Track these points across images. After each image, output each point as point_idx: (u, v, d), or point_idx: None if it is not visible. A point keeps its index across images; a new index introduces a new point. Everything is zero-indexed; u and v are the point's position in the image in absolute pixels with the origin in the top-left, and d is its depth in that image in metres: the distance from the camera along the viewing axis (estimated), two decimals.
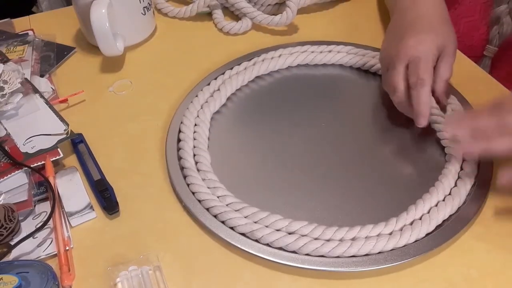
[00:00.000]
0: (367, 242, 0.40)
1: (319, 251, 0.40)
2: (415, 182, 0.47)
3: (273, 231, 0.41)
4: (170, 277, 0.40)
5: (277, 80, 0.59)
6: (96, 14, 0.57)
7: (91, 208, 0.45)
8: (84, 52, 0.65)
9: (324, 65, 0.61)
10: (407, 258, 0.40)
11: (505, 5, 0.59)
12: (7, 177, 0.46)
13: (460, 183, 0.45)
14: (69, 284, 0.39)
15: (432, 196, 0.44)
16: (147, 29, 0.67)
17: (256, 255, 0.41)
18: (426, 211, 0.43)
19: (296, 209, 0.45)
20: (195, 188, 0.46)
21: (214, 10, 0.70)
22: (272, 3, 0.69)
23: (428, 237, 0.41)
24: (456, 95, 0.53)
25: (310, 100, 0.56)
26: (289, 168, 0.48)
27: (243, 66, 0.59)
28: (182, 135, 0.51)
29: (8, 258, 0.41)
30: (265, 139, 0.52)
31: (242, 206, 0.44)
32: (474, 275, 0.40)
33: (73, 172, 0.48)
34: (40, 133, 0.50)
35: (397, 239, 0.41)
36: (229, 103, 0.56)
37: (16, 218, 0.43)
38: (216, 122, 0.54)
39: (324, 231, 0.41)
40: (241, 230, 0.42)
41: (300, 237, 0.41)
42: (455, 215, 0.43)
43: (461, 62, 0.61)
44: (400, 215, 0.43)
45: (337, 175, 0.48)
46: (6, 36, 0.66)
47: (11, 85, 0.53)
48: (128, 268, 0.40)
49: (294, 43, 0.62)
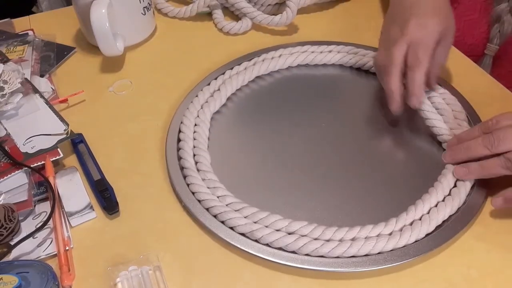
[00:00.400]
0: (366, 242, 0.40)
1: (319, 251, 0.40)
2: (415, 182, 0.47)
3: (272, 231, 0.42)
4: (170, 277, 0.40)
5: (277, 80, 0.59)
6: (96, 14, 0.57)
7: (91, 208, 0.45)
8: (84, 52, 0.65)
9: (324, 65, 0.61)
10: (406, 258, 0.40)
11: (505, 3, 0.59)
12: (7, 177, 0.46)
13: (460, 183, 0.45)
14: (69, 284, 0.39)
15: (432, 197, 0.44)
16: (147, 29, 0.67)
17: (255, 255, 0.41)
18: (425, 212, 0.43)
19: (296, 209, 0.45)
20: (195, 188, 0.46)
21: (214, 10, 0.70)
22: (272, 3, 0.69)
23: (428, 237, 0.41)
24: (456, 95, 0.53)
25: (310, 100, 0.56)
26: (289, 168, 0.49)
27: (243, 66, 0.59)
28: (182, 135, 0.51)
29: (8, 258, 0.41)
30: (265, 139, 0.52)
31: (242, 206, 0.44)
32: (474, 275, 0.40)
33: (73, 172, 0.48)
34: (40, 133, 0.50)
35: (396, 239, 0.41)
36: (229, 103, 0.56)
37: (16, 218, 0.43)
38: (216, 122, 0.54)
39: (324, 232, 0.41)
40: (240, 230, 0.42)
41: (299, 237, 0.41)
42: (454, 215, 0.43)
43: (461, 62, 0.61)
44: (399, 216, 0.43)
45: (337, 175, 0.48)
46: (6, 36, 0.66)
47: (11, 85, 0.53)
48: (128, 268, 0.40)
49: (294, 43, 0.62)
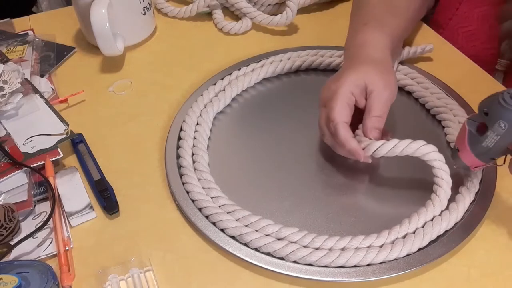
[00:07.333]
0: (356, 253, 0.39)
1: (307, 259, 0.40)
2: (414, 193, 0.46)
3: (262, 236, 0.41)
4: (167, 278, 0.40)
5: (284, 83, 0.59)
6: (96, 14, 0.57)
7: (91, 208, 0.45)
8: (84, 52, 0.65)
9: (333, 70, 0.59)
10: (396, 272, 0.39)
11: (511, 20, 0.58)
12: (7, 177, 0.46)
13: (460, 198, 0.44)
14: (69, 284, 0.39)
15: (428, 211, 0.42)
16: (147, 29, 0.67)
17: (244, 260, 0.40)
18: (420, 225, 0.42)
19: (289, 215, 0.44)
20: (189, 187, 0.45)
21: (214, 10, 0.70)
22: (272, 3, 0.69)
23: (420, 252, 0.40)
24: (458, 100, 0.53)
25: (315, 105, 0.54)
26: (286, 173, 0.48)
27: (250, 67, 0.59)
28: (183, 133, 0.51)
29: (8, 258, 0.41)
30: (265, 143, 0.51)
31: (234, 209, 0.43)
32: (474, 275, 0.40)
33: (73, 172, 0.48)
34: (40, 133, 0.50)
35: (387, 252, 0.40)
36: (234, 104, 0.56)
37: (16, 218, 0.43)
38: (219, 122, 0.54)
39: (314, 239, 0.41)
40: (230, 233, 0.42)
41: (288, 244, 0.40)
42: (450, 231, 0.42)
43: (462, 63, 0.61)
44: (392, 228, 0.41)
45: (334, 183, 0.47)
46: (6, 36, 0.66)
47: (11, 85, 0.53)
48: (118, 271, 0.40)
49: (304, 47, 0.62)
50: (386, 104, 0.46)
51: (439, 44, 0.63)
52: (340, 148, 0.46)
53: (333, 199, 0.46)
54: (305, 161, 0.49)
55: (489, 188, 0.45)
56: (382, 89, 0.46)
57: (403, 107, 0.55)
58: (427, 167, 0.44)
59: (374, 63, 0.48)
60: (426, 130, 0.52)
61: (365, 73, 0.47)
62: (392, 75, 0.48)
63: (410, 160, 0.44)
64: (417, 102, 0.55)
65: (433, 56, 0.61)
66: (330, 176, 0.48)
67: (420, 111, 0.54)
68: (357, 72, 0.47)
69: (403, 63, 0.59)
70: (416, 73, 0.57)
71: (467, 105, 0.53)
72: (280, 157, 0.50)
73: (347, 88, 0.46)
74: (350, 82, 0.46)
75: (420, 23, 0.66)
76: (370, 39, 0.50)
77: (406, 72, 0.57)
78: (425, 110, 0.54)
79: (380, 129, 0.46)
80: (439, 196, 0.43)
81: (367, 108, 0.46)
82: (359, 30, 0.52)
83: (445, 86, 0.55)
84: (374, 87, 0.46)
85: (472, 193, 0.44)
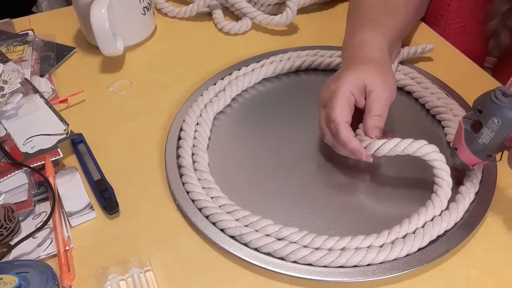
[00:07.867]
0: (356, 253, 0.39)
1: (307, 259, 0.40)
2: (414, 194, 0.46)
3: (262, 236, 0.41)
4: (167, 278, 0.40)
5: (284, 83, 0.58)
6: (96, 14, 0.57)
7: (91, 208, 0.45)
8: (84, 52, 0.65)
9: (333, 70, 0.59)
10: (395, 272, 0.39)
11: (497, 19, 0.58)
12: (7, 177, 0.46)
13: (459, 198, 0.44)
14: (69, 284, 0.39)
15: (428, 211, 0.42)
16: (147, 29, 0.67)
17: (244, 260, 0.40)
18: (420, 226, 0.42)
19: (289, 215, 0.44)
20: (189, 187, 0.45)
21: (214, 10, 0.70)
22: (272, 3, 0.69)
23: (420, 252, 0.40)
24: (458, 100, 0.53)
25: (315, 106, 0.55)
26: (286, 173, 0.48)
27: (250, 67, 0.59)
28: (183, 133, 0.51)
29: (8, 258, 0.41)
30: (265, 143, 0.51)
31: (234, 209, 0.43)
32: (474, 275, 0.40)
33: (73, 172, 0.48)
34: (40, 133, 0.50)
35: (387, 252, 0.40)
36: (234, 104, 0.56)
37: (16, 218, 0.43)
38: (219, 122, 0.54)
39: (314, 239, 0.41)
40: (230, 233, 0.42)
41: (288, 244, 0.40)
42: (450, 231, 0.42)
43: (461, 62, 0.61)
44: (392, 228, 0.41)
45: (334, 183, 0.47)
46: (6, 36, 0.66)
47: (11, 85, 0.53)
48: (118, 271, 0.40)
49: (304, 47, 0.61)
50: (386, 104, 0.46)
51: (439, 44, 0.63)
52: (342, 148, 0.46)
53: (333, 199, 0.46)
54: (305, 161, 0.49)
55: (489, 188, 0.45)
56: (382, 89, 0.46)
57: (403, 107, 0.55)
58: (427, 167, 0.44)
59: (372, 63, 0.48)
60: (426, 130, 0.52)
61: (364, 73, 0.47)
62: (391, 75, 0.48)
63: (410, 160, 0.44)
64: (417, 102, 0.55)
65: (433, 56, 0.61)
66: (330, 176, 0.48)
67: (420, 111, 0.54)
68: (356, 72, 0.47)
69: (403, 63, 0.59)
70: (416, 73, 0.57)
71: (467, 105, 0.53)
72: (280, 157, 0.50)
73: (347, 88, 0.46)
74: (349, 82, 0.46)
75: (420, 23, 0.66)
76: (368, 39, 0.51)
77: (406, 72, 0.57)
78: (425, 110, 0.54)
79: (381, 128, 0.46)
80: (439, 196, 0.43)
81: (367, 108, 0.46)
82: (357, 31, 0.52)
83: (445, 86, 0.55)
84: (374, 87, 0.46)
85: (472, 193, 0.44)
